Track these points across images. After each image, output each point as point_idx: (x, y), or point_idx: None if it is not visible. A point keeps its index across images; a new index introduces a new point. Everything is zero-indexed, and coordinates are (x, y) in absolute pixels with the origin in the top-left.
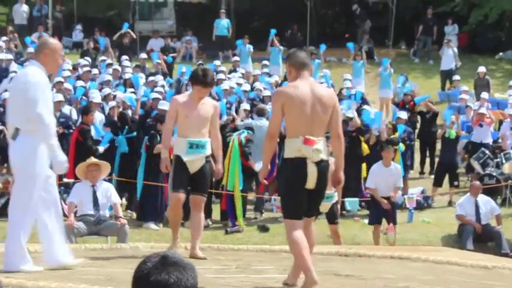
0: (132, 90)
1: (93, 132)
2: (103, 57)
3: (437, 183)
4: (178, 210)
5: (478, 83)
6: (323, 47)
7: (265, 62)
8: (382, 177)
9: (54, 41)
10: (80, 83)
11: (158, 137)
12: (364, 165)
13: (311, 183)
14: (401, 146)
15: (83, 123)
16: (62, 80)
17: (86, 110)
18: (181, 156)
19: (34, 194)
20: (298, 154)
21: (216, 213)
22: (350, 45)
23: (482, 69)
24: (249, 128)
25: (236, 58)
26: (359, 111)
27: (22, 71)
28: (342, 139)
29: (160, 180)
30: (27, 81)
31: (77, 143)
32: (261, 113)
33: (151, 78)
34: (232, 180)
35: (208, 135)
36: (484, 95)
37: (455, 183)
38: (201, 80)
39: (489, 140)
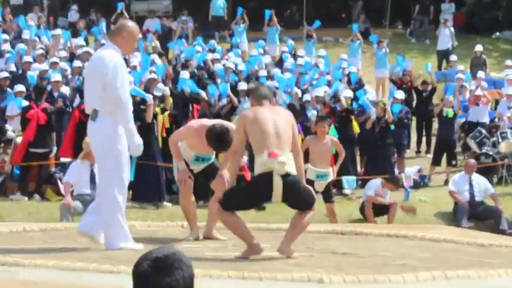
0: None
1: None
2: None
3: (436, 162)
4: (190, 196)
5: (474, 62)
6: (317, 23)
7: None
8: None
9: (132, 24)
10: (77, 63)
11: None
12: None
13: (277, 195)
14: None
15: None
16: (58, 60)
17: None
18: (186, 161)
19: (123, 172)
20: (264, 168)
21: None
22: (355, 26)
23: (479, 47)
24: None
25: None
26: (355, 95)
27: (99, 53)
28: (301, 154)
29: (154, 158)
30: (105, 64)
31: (78, 122)
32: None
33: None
34: None
35: None
36: (481, 74)
37: (453, 162)
38: (215, 147)
39: (486, 120)
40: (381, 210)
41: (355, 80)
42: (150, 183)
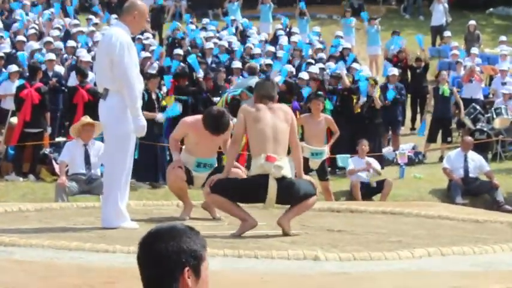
0: None
1: None
2: (90, 16)
3: (431, 139)
4: (181, 184)
5: (468, 37)
6: (303, 5)
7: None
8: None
9: (142, 4)
10: (70, 43)
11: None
12: None
13: (271, 199)
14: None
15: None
16: (52, 39)
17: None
18: (188, 168)
19: (128, 153)
20: (260, 171)
21: None
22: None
23: (472, 22)
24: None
25: (233, 17)
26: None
27: (107, 32)
28: (299, 147)
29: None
30: (111, 43)
31: (87, 103)
32: (253, 72)
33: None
34: None
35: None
36: (474, 50)
37: (449, 139)
38: (212, 131)
39: (479, 96)
40: (375, 189)
41: (352, 59)
42: (149, 163)
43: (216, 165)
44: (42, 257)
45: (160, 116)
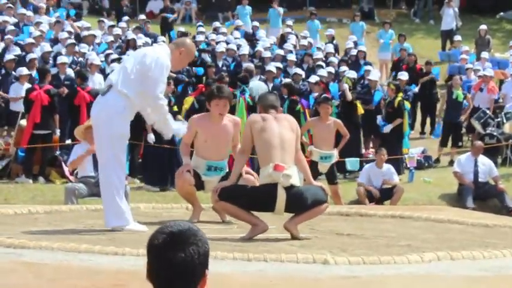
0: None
1: None
2: (102, 18)
3: (443, 143)
4: (189, 189)
5: (479, 42)
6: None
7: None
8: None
9: (191, 44)
10: (82, 46)
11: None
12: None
13: (280, 207)
14: (407, 104)
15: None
16: (74, 41)
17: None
18: (199, 173)
19: (120, 153)
20: (268, 180)
21: None
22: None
23: (483, 27)
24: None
25: (239, 22)
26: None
27: (155, 48)
28: (302, 155)
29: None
30: (156, 60)
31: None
32: (250, 74)
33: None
34: None
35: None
36: (484, 54)
37: (460, 143)
38: (216, 94)
39: (488, 106)
40: (385, 195)
41: (363, 70)
42: (160, 166)
43: (227, 170)
44: (51, 259)
45: (151, 138)
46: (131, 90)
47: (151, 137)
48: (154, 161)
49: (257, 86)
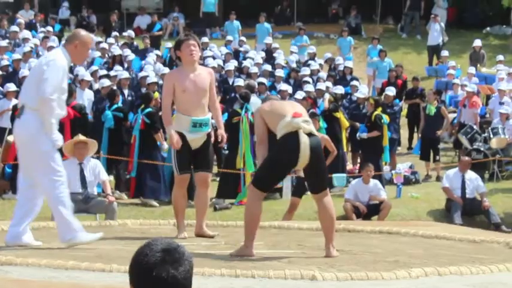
0: (119, 68)
1: None
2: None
3: (423, 157)
4: (185, 192)
5: (473, 57)
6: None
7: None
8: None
9: (85, 34)
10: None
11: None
12: (344, 139)
13: (305, 155)
14: (385, 118)
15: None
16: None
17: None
18: (184, 134)
19: (55, 165)
20: (288, 129)
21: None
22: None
23: (477, 43)
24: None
25: (229, 38)
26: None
27: (50, 52)
28: None
29: (155, 157)
30: (48, 62)
31: (72, 120)
32: (251, 90)
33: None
34: (249, 161)
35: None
36: (471, 69)
37: (437, 157)
38: (183, 39)
39: (473, 122)
40: (373, 211)
41: (350, 78)
42: (153, 181)
43: (211, 127)
44: (39, 276)
45: (164, 147)
46: (36, 101)
47: (164, 147)
48: (146, 176)
49: (255, 102)
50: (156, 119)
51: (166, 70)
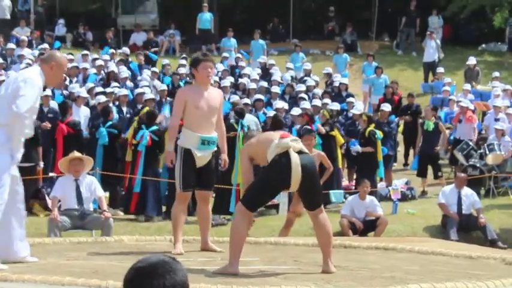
0: (116, 84)
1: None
2: (85, 52)
3: (420, 174)
4: (185, 209)
5: (468, 74)
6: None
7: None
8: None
9: (61, 56)
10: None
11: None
12: (340, 156)
13: (296, 173)
14: (379, 134)
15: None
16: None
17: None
18: (192, 150)
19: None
20: (278, 150)
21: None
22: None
23: (472, 60)
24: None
25: (225, 54)
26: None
27: (27, 69)
28: None
29: (158, 174)
30: (25, 79)
31: (66, 136)
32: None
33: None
34: None
35: None
36: (467, 86)
37: (439, 173)
38: (202, 58)
39: (470, 137)
40: (369, 227)
41: (346, 94)
42: (155, 197)
43: (216, 145)
44: None
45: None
46: (7, 117)
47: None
48: (149, 192)
49: (249, 119)
50: (164, 138)
51: (164, 86)
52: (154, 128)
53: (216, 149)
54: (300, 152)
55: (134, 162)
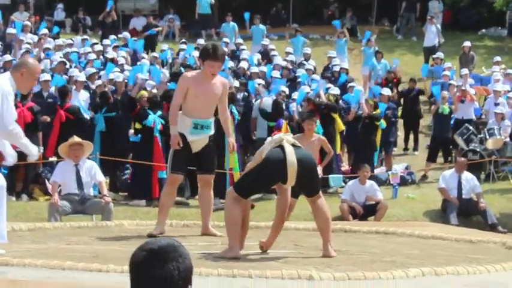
0: (118, 69)
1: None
2: (85, 36)
3: (432, 158)
4: (173, 191)
5: (463, 58)
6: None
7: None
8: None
9: (33, 63)
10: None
11: None
12: (338, 141)
13: (292, 165)
14: (383, 123)
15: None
16: (65, 60)
17: (66, 91)
18: (184, 134)
19: None
20: (272, 145)
21: None
22: (336, 22)
23: (467, 43)
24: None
25: (226, 40)
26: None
27: None
28: None
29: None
30: (1, 92)
31: (65, 121)
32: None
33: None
34: (235, 161)
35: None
36: (465, 71)
37: (449, 158)
38: (212, 55)
39: (472, 116)
40: (369, 211)
41: (345, 79)
42: (145, 182)
43: (213, 129)
44: (35, 276)
45: None
46: None
47: None
48: (139, 177)
49: (266, 103)
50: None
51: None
52: (159, 113)
53: (212, 133)
54: (293, 146)
55: (150, 147)
